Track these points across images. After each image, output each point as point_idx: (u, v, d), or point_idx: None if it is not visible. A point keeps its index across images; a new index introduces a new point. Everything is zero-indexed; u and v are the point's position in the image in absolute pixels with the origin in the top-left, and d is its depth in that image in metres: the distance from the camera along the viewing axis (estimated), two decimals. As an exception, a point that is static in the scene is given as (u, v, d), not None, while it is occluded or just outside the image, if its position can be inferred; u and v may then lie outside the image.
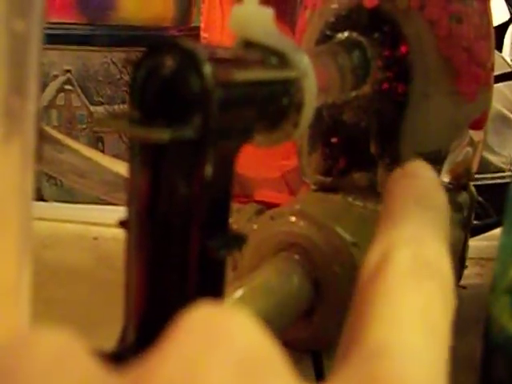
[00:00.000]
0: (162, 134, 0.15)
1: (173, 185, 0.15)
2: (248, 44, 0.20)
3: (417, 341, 0.13)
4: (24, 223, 0.17)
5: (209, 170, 0.15)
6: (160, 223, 0.16)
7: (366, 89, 0.27)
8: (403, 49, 0.28)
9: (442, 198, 0.18)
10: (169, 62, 0.15)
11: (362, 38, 0.27)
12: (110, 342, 0.17)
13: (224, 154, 0.16)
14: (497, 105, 0.50)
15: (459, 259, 0.34)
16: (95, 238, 0.42)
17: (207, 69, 0.15)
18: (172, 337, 0.11)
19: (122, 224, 0.17)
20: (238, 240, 0.17)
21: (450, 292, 0.15)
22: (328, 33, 0.28)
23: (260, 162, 0.39)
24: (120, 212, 0.17)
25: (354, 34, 0.28)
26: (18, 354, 0.11)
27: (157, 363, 0.11)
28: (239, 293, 0.23)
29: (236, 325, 0.11)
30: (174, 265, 0.16)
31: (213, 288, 0.16)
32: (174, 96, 0.15)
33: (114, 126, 0.16)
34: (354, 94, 0.27)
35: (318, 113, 0.30)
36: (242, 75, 0.17)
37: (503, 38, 0.89)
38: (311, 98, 0.20)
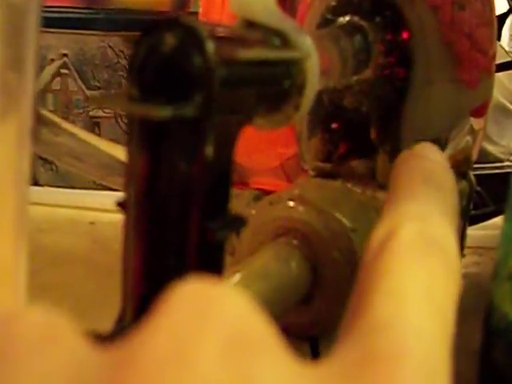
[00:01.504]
0: (163, 111, 0.14)
1: (172, 165, 0.15)
2: (249, 24, 0.19)
3: (419, 316, 0.13)
4: (20, 205, 0.16)
5: (209, 149, 0.15)
6: (159, 204, 0.16)
7: (367, 74, 0.27)
8: (405, 34, 0.28)
9: (450, 180, 0.18)
10: (170, 39, 0.15)
11: (363, 23, 0.27)
12: (107, 324, 0.16)
13: (225, 134, 0.16)
14: (495, 94, 0.50)
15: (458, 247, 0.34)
16: (91, 223, 0.42)
17: (210, 46, 0.15)
18: (161, 311, 0.11)
19: (120, 205, 0.16)
20: (238, 222, 0.17)
21: (455, 270, 0.15)
22: (329, 17, 0.28)
23: (258, 150, 0.39)
24: (116, 197, 0.16)
25: (356, 18, 0.27)
26: (4, 330, 0.11)
27: (145, 339, 0.10)
28: (237, 277, 0.23)
29: (227, 299, 0.11)
30: (172, 246, 0.16)
31: (212, 270, 0.16)
32: (175, 73, 0.15)
33: (111, 105, 0.16)
34: (355, 78, 0.27)
35: (319, 98, 0.29)
36: (246, 54, 0.16)
37: (502, 29, 0.89)
38: (313, 80, 0.20)
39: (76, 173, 0.41)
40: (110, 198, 0.16)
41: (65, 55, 0.50)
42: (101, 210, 0.42)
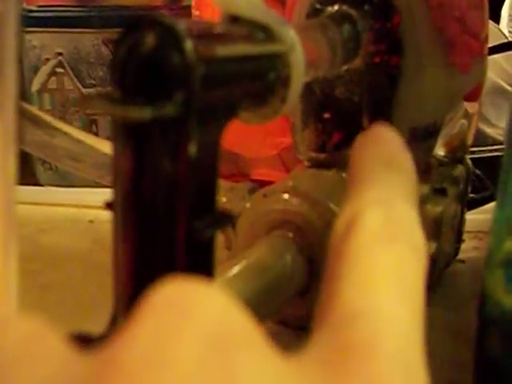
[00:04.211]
0: (143, 112, 0.14)
1: (156, 164, 0.15)
2: (234, 19, 0.19)
3: (390, 303, 0.13)
4: (7, 207, 0.16)
5: (193, 148, 0.15)
6: (145, 203, 0.16)
7: (358, 62, 0.27)
8: (395, 20, 0.28)
9: (408, 161, 0.18)
10: (148, 39, 0.15)
11: (352, 11, 0.27)
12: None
13: (209, 132, 0.16)
14: (493, 76, 0.49)
15: (456, 233, 0.34)
16: (91, 221, 0.42)
17: (188, 44, 0.15)
18: (141, 311, 0.11)
19: (109, 206, 0.17)
20: (225, 219, 0.17)
21: (421, 253, 0.15)
22: (318, 6, 0.28)
23: (256, 140, 0.39)
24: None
25: (344, 7, 0.27)
26: None
27: (125, 340, 0.10)
28: (233, 271, 0.23)
29: (207, 297, 0.11)
30: (160, 245, 0.16)
31: (201, 267, 0.16)
32: (154, 73, 0.15)
33: (97, 107, 0.16)
34: (345, 68, 0.27)
35: (310, 88, 0.29)
36: (225, 50, 0.16)
37: (500, 9, 0.88)
38: (299, 73, 0.20)
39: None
40: (108, 196, 0.17)
41: (60, 54, 0.50)
42: (100, 208, 0.42)
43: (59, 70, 0.50)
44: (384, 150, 0.18)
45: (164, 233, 0.16)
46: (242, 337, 0.11)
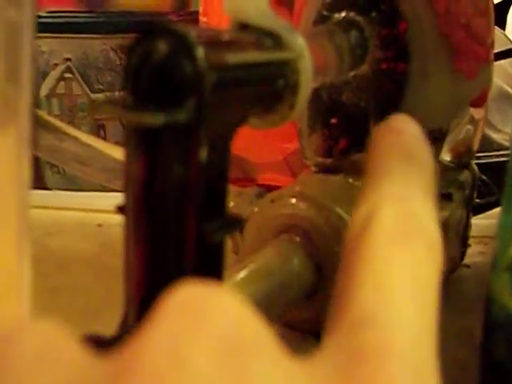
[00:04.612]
0: (156, 119, 0.15)
1: (168, 169, 0.16)
2: (243, 26, 0.20)
3: (405, 305, 0.13)
4: (22, 211, 0.17)
5: (203, 153, 0.15)
6: (157, 207, 0.16)
7: (365, 68, 0.27)
8: (401, 27, 0.28)
9: (427, 153, 0.17)
10: (161, 47, 0.15)
11: (359, 18, 0.27)
12: (115, 327, 0.17)
13: (219, 137, 0.16)
14: (499, 82, 0.50)
15: (461, 238, 0.34)
16: (99, 225, 0.42)
17: (199, 52, 0.15)
18: (156, 316, 0.11)
19: (120, 209, 0.17)
20: (235, 223, 0.17)
21: (437, 249, 0.15)
22: (325, 13, 0.28)
23: (262, 145, 0.39)
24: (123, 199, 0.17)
25: (352, 14, 0.27)
26: (3, 345, 0.11)
27: (142, 345, 0.10)
28: (240, 275, 0.23)
29: (222, 302, 0.11)
30: (171, 248, 0.16)
31: (211, 270, 0.17)
32: (166, 80, 0.15)
33: (108, 112, 0.16)
34: (352, 74, 0.27)
35: (317, 94, 0.30)
36: (236, 57, 0.17)
37: (506, 15, 0.88)
38: (307, 79, 0.20)
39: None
40: (117, 200, 0.17)
41: (68, 59, 0.50)
42: (108, 212, 0.42)
43: (68, 75, 0.50)
44: (402, 140, 0.17)
45: (175, 236, 0.16)
46: (257, 340, 0.11)
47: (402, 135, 0.17)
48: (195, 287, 0.11)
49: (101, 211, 0.43)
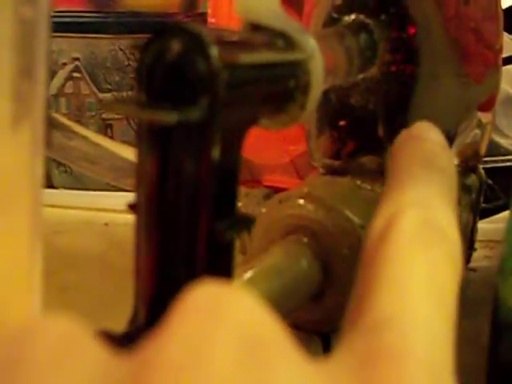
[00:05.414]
0: (169, 117, 0.15)
1: (180, 167, 0.16)
2: (254, 27, 0.20)
3: (423, 309, 0.13)
4: (34, 210, 0.17)
5: (216, 151, 0.16)
6: (168, 205, 0.16)
7: (374, 71, 0.27)
8: (410, 30, 0.28)
9: (448, 161, 0.17)
10: (175, 46, 0.15)
11: (368, 20, 0.27)
12: (122, 325, 0.17)
13: (231, 136, 0.16)
14: (507, 87, 0.50)
15: (468, 242, 0.34)
16: (106, 224, 0.42)
17: (213, 51, 0.15)
18: (174, 316, 0.11)
19: (131, 207, 0.17)
20: (246, 221, 0.17)
21: (457, 257, 0.15)
22: (335, 15, 0.28)
23: (269, 147, 0.39)
24: (130, 197, 0.17)
25: (361, 16, 0.27)
26: (23, 343, 0.11)
27: (160, 346, 0.10)
28: (248, 275, 0.23)
29: (239, 302, 0.11)
30: (182, 246, 0.16)
31: (221, 269, 0.17)
32: (180, 78, 0.15)
33: (121, 111, 0.16)
34: (361, 76, 0.27)
35: (326, 96, 0.30)
36: (248, 57, 0.17)
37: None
38: (318, 80, 0.20)
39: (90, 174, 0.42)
40: (124, 199, 0.17)
41: (76, 59, 0.50)
42: (115, 211, 0.43)
43: (76, 74, 0.50)
44: (425, 147, 0.17)
45: (186, 234, 0.16)
46: (276, 341, 0.11)
47: (424, 142, 0.18)
48: (213, 287, 0.11)
49: (107, 210, 0.43)
